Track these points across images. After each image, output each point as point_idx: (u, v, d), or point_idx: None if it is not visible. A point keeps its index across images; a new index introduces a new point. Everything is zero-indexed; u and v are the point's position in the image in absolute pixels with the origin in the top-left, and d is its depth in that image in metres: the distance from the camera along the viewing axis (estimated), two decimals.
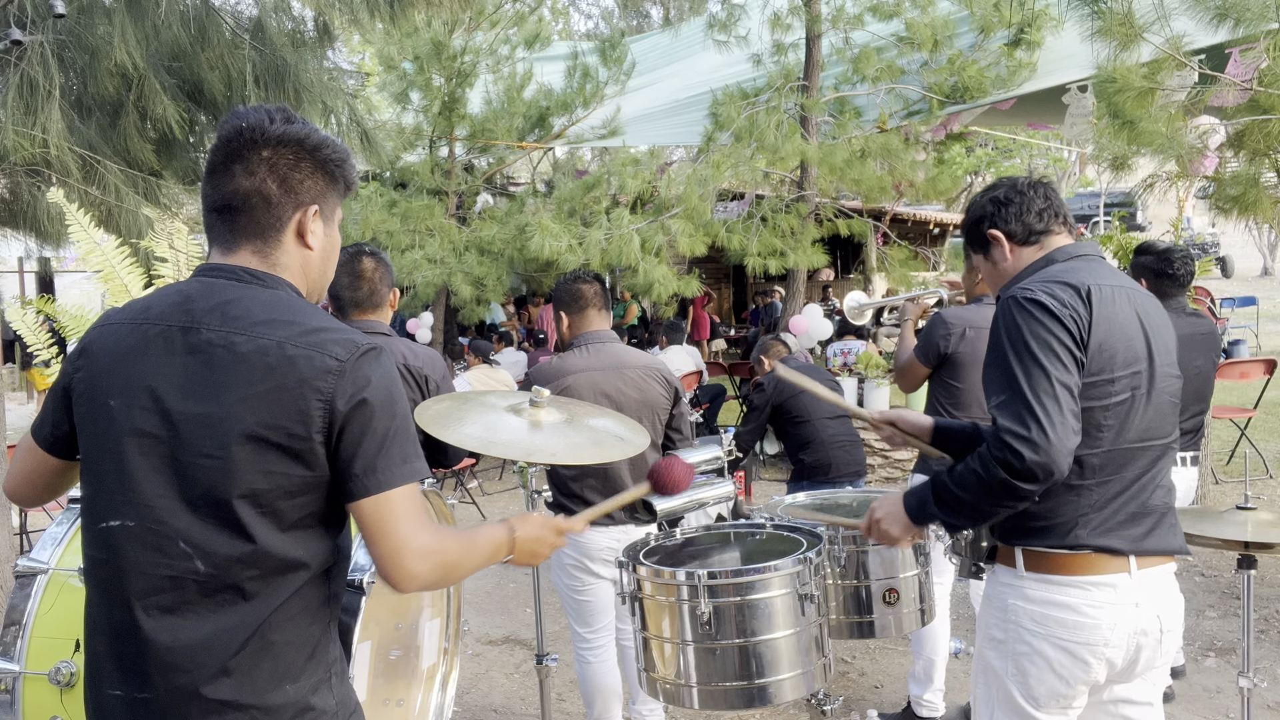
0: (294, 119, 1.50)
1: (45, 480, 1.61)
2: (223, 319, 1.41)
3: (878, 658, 4.41)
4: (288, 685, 1.41)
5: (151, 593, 1.39)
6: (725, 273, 17.36)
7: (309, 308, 1.48)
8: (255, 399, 1.36)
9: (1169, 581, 2.01)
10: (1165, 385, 2.00)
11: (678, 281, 9.13)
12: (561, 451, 2.42)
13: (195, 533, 1.37)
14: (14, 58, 3.93)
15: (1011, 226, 2.14)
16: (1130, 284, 2.05)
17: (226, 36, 4.51)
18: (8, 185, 4.46)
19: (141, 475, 1.39)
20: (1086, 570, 1.93)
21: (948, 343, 3.41)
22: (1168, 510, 2.02)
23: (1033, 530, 1.97)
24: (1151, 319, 2.02)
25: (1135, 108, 5.42)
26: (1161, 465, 2.01)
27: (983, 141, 18.49)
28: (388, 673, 2.41)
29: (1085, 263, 2.05)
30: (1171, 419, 2.03)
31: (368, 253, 2.93)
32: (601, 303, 3.28)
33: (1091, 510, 1.93)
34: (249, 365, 1.37)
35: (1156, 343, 2.00)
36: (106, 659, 1.42)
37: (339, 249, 1.63)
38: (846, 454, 5.03)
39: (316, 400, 1.37)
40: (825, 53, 9.81)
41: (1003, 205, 2.15)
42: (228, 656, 1.37)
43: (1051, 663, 1.95)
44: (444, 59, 10.51)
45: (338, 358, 1.39)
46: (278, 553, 1.39)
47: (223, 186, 1.47)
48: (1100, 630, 1.91)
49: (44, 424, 1.55)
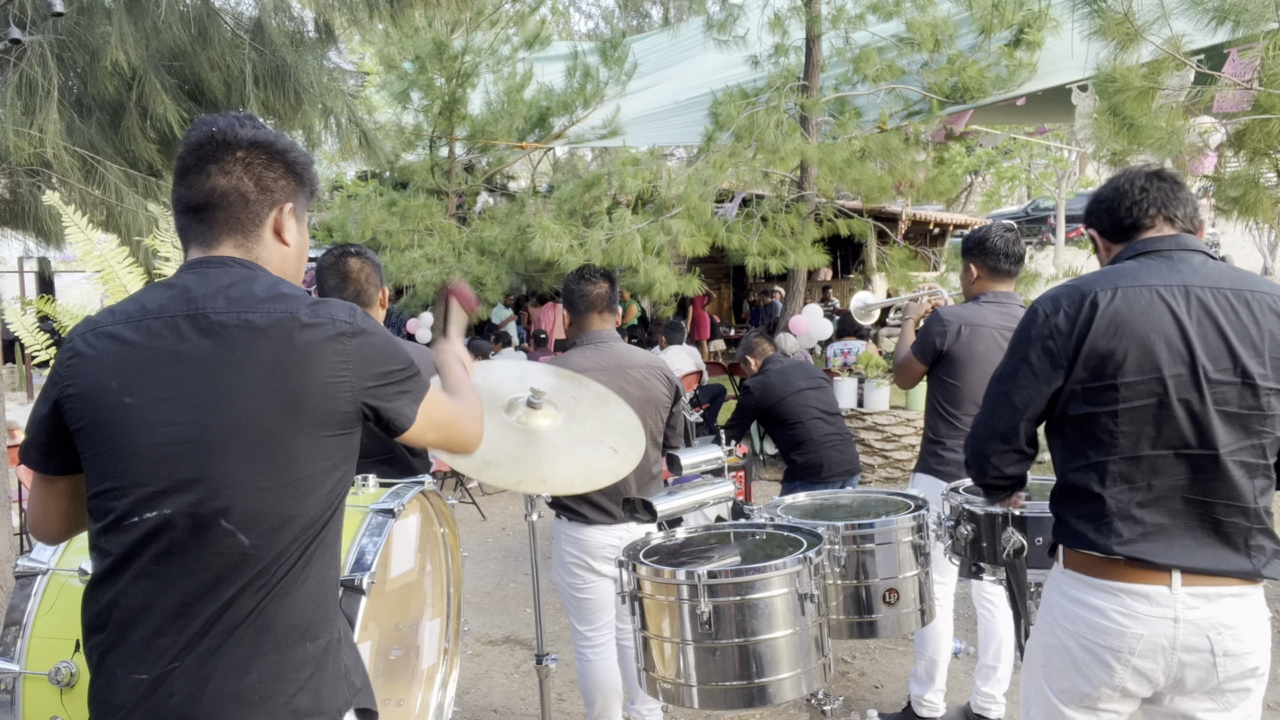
0: (260, 125, 1.56)
1: (58, 506, 1.59)
2: (227, 301, 1.46)
3: (878, 658, 4.41)
4: (308, 644, 1.49)
5: (187, 577, 1.42)
6: (725, 273, 17.39)
7: (299, 287, 1.55)
8: (283, 368, 1.43)
9: (1236, 605, 1.87)
10: (1216, 393, 1.85)
11: (678, 281, 9.14)
12: (552, 479, 2.36)
13: (237, 509, 1.42)
14: (14, 57, 3.92)
15: (1103, 224, 2.11)
16: (1205, 283, 1.90)
17: (226, 36, 4.51)
18: (8, 185, 4.46)
19: (171, 465, 1.41)
20: (1120, 577, 1.89)
21: (943, 340, 3.42)
22: (1242, 531, 1.88)
23: (1071, 532, 1.97)
24: (1213, 322, 1.87)
25: (1135, 107, 5.42)
26: (1218, 477, 1.86)
27: (983, 141, 18.50)
28: (388, 673, 2.41)
29: (1143, 262, 1.97)
30: (1227, 429, 1.86)
31: (353, 253, 2.93)
32: (605, 305, 3.26)
33: (1116, 518, 1.89)
34: (269, 337, 1.43)
35: (1206, 348, 1.86)
36: (130, 645, 1.43)
37: (308, 251, 1.68)
38: (839, 453, 5.03)
39: (339, 360, 1.46)
40: (825, 53, 9.82)
41: (1098, 202, 2.12)
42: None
43: (1076, 660, 1.94)
44: (445, 59, 10.52)
45: (346, 320, 1.49)
46: (317, 517, 1.48)
47: (198, 186, 1.52)
48: (1125, 638, 1.87)
49: (33, 446, 1.54)
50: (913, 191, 10.01)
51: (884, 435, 8.22)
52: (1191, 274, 1.92)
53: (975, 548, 2.68)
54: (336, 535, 1.55)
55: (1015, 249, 3.43)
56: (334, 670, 1.51)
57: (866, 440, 8.21)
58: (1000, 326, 3.37)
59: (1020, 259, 3.46)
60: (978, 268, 3.47)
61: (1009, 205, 26.27)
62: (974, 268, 3.48)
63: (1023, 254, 3.47)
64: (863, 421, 8.25)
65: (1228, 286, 1.90)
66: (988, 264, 3.44)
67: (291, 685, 1.45)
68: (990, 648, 3.52)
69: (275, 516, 1.43)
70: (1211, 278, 1.91)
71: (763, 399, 5.14)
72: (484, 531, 7.04)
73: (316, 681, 1.47)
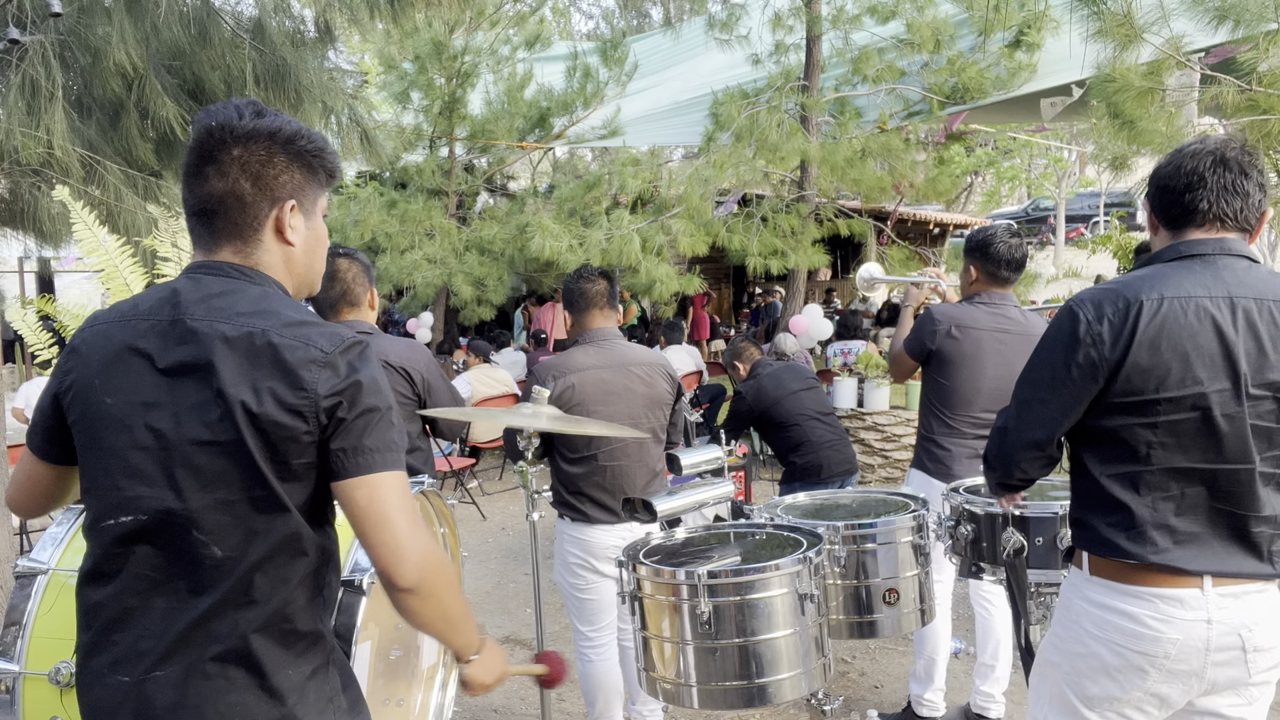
0: (264, 112, 1.48)
1: (44, 489, 1.60)
2: (208, 310, 1.42)
3: (878, 658, 4.41)
4: (291, 664, 1.45)
5: (161, 583, 1.40)
6: (725, 273, 17.38)
7: (296, 304, 1.49)
8: (242, 383, 1.38)
9: (1258, 601, 1.89)
10: (1254, 407, 1.84)
11: (679, 281, 9.14)
12: (565, 424, 2.40)
13: (206, 520, 1.39)
14: (15, 58, 3.93)
15: (1155, 201, 1.98)
16: (1249, 293, 1.86)
17: (226, 36, 4.51)
18: (8, 185, 4.46)
19: (143, 471, 1.40)
20: (1152, 583, 1.87)
21: (934, 338, 3.42)
22: (1267, 538, 1.88)
23: (1100, 539, 1.94)
24: (1255, 336, 1.84)
25: (1135, 108, 5.43)
26: (1249, 489, 1.86)
27: (983, 141, 18.51)
28: (388, 673, 2.41)
29: (1185, 266, 1.90)
30: (1260, 442, 1.85)
31: (341, 253, 2.96)
32: (605, 301, 3.26)
33: (1150, 527, 1.87)
34: (236, 351, 1.39)
35: (1249, 363, 1.83)
36: (113, 647, 1.42)
37: (326, 241, 1.62)
38: (837, 453, 5.02)
39: (301, 389, 1.38)
40: (826, 53, 9.83)
41: (1156, 175, 1.98)
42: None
43: (1108, 667, 1.91)
44: (445, 59, 10.52)
45: (323, 349, 1.40)
46: (295, 532, 1.42)
47: (198, 190, 1.47)
48: (1161, 643, 1.86)
49: (36, 431, 1.56)
50: (912, 191, 10.02)
51: (884, 435, 8.22)
52: (1236, 283, 1.87)
53: (975, 547, 2.68)
54: (325, 553, 1.49)
55: (1017, 255, 3.42)
56: (319, 694, 1.47)
57: (866, 440, 8.21)
58: (992, 328, 3.37)
59: (1021, 266, 3.45)
60: (977, 270, 3.47)
61: (1009, 205, 26.26)
62: (974, 269, 3.48)
63: (1024, 260, 3.46)
64: (863, 421, 8.24)
65: (1270, 298, 1.86)
66: (987, 269, 3.44)
67: (274, 711, 1.42)
68: (988, 647, 3.52)
69: (244, 529, 1.39)
70: (1256, 287, 1.87)
71: (756, 403, 5.12)
72: (484, 531, 7.04)
73: (301, 709, 1.44)
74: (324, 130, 5.05)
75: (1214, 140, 1.93)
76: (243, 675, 1.40)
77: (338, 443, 1.39)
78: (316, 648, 1.48)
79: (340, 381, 1.40)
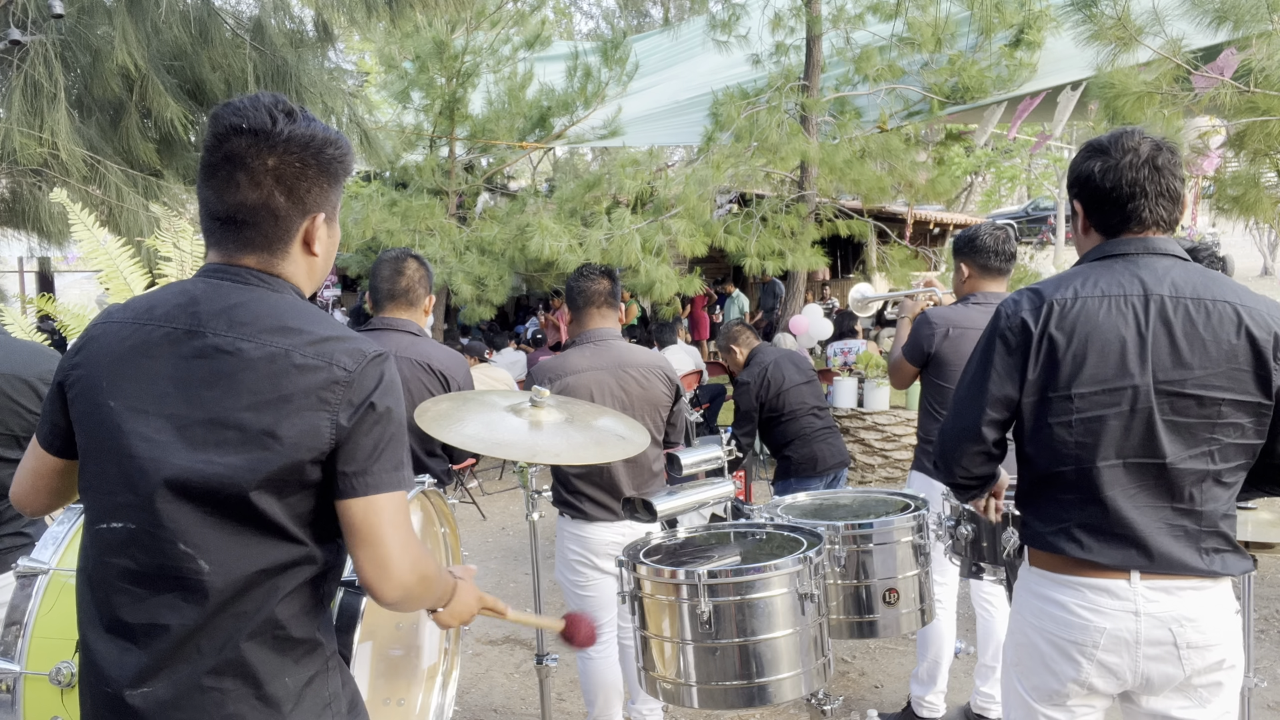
0: (295, 114, 1.43)
1: (48, 483, 1.59)
2: (229, 324, 1.39)
3: (878, 658, 4.42)
4: (285, 677, 1.43)
5: (152, 593, 1.39)
6: (725, 272, 17.36)
7: (316, 314, 1.46)
8: (263, 406, 1.36)
9: (1195, 598, 1.88)
10: (1166, 404, 1.85)
11: (679, 281, 9.14)
12: (564, 451, 2.43)
13: (195, 534, 1.37)
14: (16, 58, 3.93)
15: (1085, 201, 1.99)
16: (1166, 290, 1.87)
17: (227, 36, 4.51)
18: (9, 185, 4.46)
19: (135, 480, 1.38)
20: (1081, 573, 1.92)
21: (931, 342, 3.43)
22: (1193, 534, 1.88)
23: (1035, 533, 2.00)
24: (1169, 332, 1.85)
25: (1134, 109, 5.43)
26: (1168, 485, 1.87)
27: (983, 141, 18.49)
28: (388, 672, 2.41)
29: (1106, 265, 1.93)
30: (1175, 438, 1.86)
31: (414, 256, 3.15)
32: (604, 300, 3.25)
33: (1074, 525, 1.92)
34: (256, 373, 1.37)
35: (1158, 359, 1.85)
36: (103, 656, 1.42)
37: (338, 243, 1.61)
38: (830, 446, 5.00)
39: (324, 412, 1.37)
40: (826, 53, 9.82)
41: (1087, 175, 1.96)
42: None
43: (1044, 656, 1.96)
44: (445, 59, 10.51)
45: (346, 368, 1.39)
46: (278, 551, 1.40)
47: (227, 197, 1.42)
48: (1089, 631, 1.90)
49: (43, 422, 1.54)
50: (912, 192, 10.02)
51: (884, 435, 8.22)
52: (1154, 281, 1.89)
53: (975, 548, 2.69)
54: (326, 564, 1.47)
55: (1006, 246, 3.43)
56: (316, 700, 1.45)
57: (866, 440, 8.21)
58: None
59: (1011, 256, 3.46)
60: (968, 266, 3.47)
61: (1009, 205, 26.26)
62: (965, 267, 3.48)
63: (1014, 251, 3.47)
64: (863, 421, 8.24)
65: (1188, 295, 1.87)
66: (978, 262, 3.44)
67: (270, 719, 1.41)
68: (989, 647, 3.52)
69: (233, 548, 1.37)
70: (1175, 284, 1.88)
71: (761, 391, 5.01)
72: (484, 531, 7.04)
73: (297, 716, 1.42)
74: None
75: (1146, 145, 1.93)
76: (237, 686, 1.39)
77: (344, 465, 1.39)
78: (314, 654, 1.47)
79: (358, 406, 1.39)
